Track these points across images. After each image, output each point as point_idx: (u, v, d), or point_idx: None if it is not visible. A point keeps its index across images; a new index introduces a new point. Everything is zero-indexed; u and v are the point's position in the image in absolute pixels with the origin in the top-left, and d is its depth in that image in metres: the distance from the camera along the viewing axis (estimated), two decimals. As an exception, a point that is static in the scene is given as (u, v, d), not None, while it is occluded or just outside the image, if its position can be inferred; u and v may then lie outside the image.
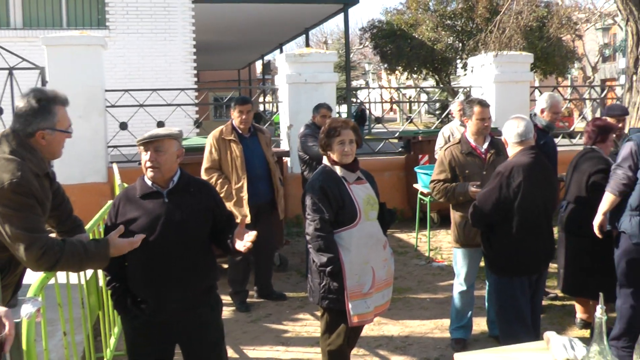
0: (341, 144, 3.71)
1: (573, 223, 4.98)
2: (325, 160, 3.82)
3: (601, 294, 2.58)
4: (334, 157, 3.75)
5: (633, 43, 7.24)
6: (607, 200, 4.44)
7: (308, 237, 3.69)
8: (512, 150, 4.15)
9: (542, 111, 5.66)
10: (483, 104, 4.78)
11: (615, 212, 4.43)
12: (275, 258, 6.96)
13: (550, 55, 21.43)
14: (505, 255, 4.07)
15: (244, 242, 3.01)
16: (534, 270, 4.27)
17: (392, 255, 3.97)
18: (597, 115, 12.85)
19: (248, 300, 6.06)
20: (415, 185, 8.08)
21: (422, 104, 12.81)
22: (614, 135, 5.29)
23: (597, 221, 4.53)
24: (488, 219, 4.04)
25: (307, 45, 19.53)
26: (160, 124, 9.14)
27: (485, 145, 4.76)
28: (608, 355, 2.16)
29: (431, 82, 28.74)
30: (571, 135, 11.81)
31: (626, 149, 4.40)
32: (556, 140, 11.09)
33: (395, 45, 23.06)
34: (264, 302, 6.12)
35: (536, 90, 11.82)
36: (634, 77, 7.29)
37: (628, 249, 4.34)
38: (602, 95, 12.62)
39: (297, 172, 8.42)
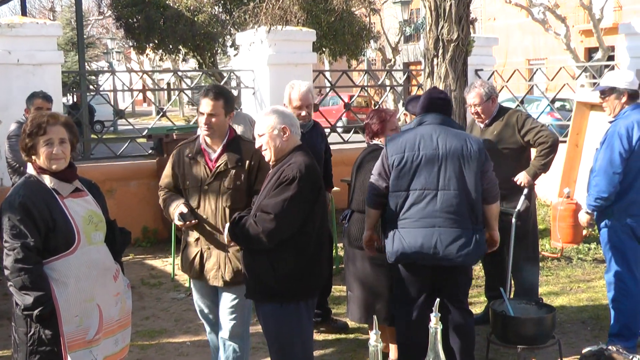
0: (48, 145, 3.64)
1: (360, 236, 5.32)
2: (30, 168, 3.72)
3: (375, 317, 2.83)
4: (40, 162, 3.67)
5: (432, 21, 7.89)
6: (369, 214, 4.97)
7: (7, 272, 3.57)
8: (290, 144, 4.28)
9: (285, 105, 5.87)
10: (207, 95, 4.62)
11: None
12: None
13: (340, 33, 22.67)
14: (295, 276, 4.22)
15: None
16: (318, 291, 4.54)
17: (129, 287, 3.97)
18: (400, 105, 13.87)
19: None
20: (169, 198, 8.10)
21: (181, 92, 12.87)
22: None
23: (364, 237, 5.04)
24: (285, 234, 4.16)
25: (24, 12, 18.62)
26: None
27: (219, 150, 4.65)
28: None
29: (193, 64, 28.96)
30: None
31: (381, 157, 4.93)
32: (347, 135, 11.91)
33: (144, 16, 22.87)
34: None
35: (326, 75, 12.44)
36: (435, 61, 7.94)
37: (393, 266, 4.95)
38: (403, 80, 13.67)
39: (8, 185, 8.01)
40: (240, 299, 4.74)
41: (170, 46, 24.08)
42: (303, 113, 5.94)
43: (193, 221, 4.55)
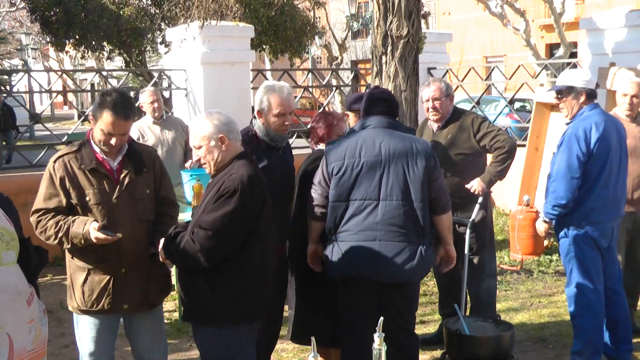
0: None
1: (303, 251, 5.35)
2: None
3: (313, 338, 2.86)
4: None
5: (380, 15, 7.97)
6: (312, 227, 5.03)
7: None
8: (230, 153, 4.28)
9: (260, 114, 5.24)
10: (117, 114, 4.43)
11: None
12: None
13: (281, 28, 22.70)
14: (236, 298, 4.22)
15: None
16: (262, 314, 4.54)
17: (46, 312, 3.91)
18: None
19: None
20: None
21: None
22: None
23: (309, 251, 5.11)
24: (225, 253, 4.16)
25: None
26: None
27: (119, 159, 4.61)
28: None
29: (119, 62, 28.68)
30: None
31: (321, 164, 4.99)
32: (289, 140, 11.94)
33: (62, 8, 22.59)
34: None
35: (267, 75, 12.46)
36: (384, 59, 8.02)
37: (336, 284, 4.99)
38: (350, 80, 13.72)
39: None
40: (161, 323, 4.76)
41: (93, 42, 23.81)
42: (287, 122, 5.23)
43: (118, 235, 4.39)
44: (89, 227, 4.36)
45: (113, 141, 4.46)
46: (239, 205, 4.10)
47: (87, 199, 4.47)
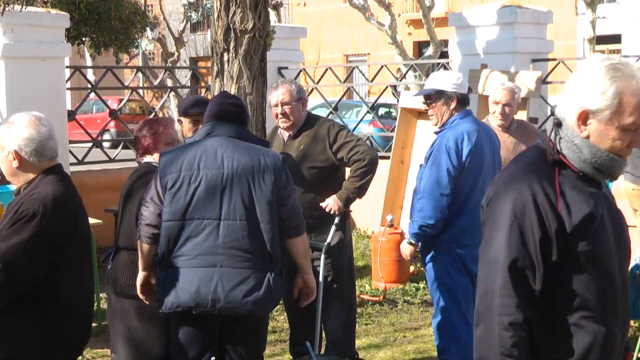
0: None
1: (130, 281, 5.29)
2: None
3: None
4: None
5: (221, 5, 7.96)
6: (142, 250, 4.96)
7: None
8: (29, 170, 4.20)
9: (595, 118, 2.93)
10: None
11: None
12: None
13: (104, 17, 22.34)
14: (35, 345, 4.13)
15: None
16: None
17: None
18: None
19: None
20: None
21: None
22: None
23: (139, 279, 5.01)
24: (20, 290, 4.04)
25: None
26: None
27: None
28: None
29: None
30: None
31: (154, 177, 4.98)
32: (114, 152, 11.79)
33: None
34: None
35: (86, 73, 12.26)
36: (226, 56, 8.01)
37: (168, 318, 4.99)
38: (188, 80, 13.74)
39: None
40: None
41: None
42: None
43: None
44: None
45: None
46: (38, 232, 4.00)
47: None
